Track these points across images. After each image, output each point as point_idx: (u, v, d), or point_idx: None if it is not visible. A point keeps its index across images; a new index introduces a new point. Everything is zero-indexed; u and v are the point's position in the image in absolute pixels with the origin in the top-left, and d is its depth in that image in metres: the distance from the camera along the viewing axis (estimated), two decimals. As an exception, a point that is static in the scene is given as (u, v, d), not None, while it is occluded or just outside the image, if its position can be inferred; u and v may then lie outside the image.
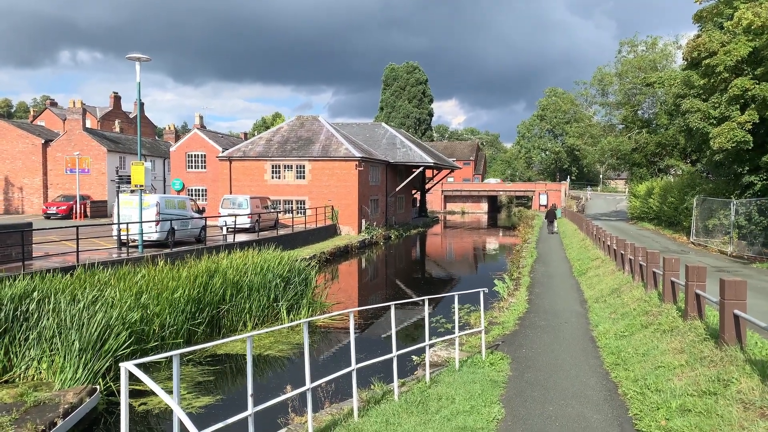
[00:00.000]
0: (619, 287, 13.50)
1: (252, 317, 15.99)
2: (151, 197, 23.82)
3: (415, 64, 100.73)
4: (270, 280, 16.95)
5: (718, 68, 23.48)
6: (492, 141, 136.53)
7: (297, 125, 41.79)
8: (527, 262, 23.32)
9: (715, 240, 25.82)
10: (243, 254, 18.19)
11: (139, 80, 21.91)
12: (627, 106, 44.28)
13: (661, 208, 34.96)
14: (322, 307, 17.93)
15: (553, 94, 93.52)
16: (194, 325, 14.34)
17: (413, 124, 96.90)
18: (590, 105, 49.12)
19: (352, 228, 38.25)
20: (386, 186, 44.93)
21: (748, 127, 22.45)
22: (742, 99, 23.41)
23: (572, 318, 12.24)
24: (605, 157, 45.92)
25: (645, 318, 9.74)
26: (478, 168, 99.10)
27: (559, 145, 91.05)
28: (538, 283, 17.54)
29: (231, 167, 39.36)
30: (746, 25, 23.02)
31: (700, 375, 6.21)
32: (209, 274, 15.92)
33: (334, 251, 30.98)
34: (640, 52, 44.48)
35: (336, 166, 38.12)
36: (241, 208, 31.59)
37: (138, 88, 22.09)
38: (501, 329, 11.16)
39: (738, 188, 25.59)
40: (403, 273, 30.53)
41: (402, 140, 47.63)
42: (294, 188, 38.80)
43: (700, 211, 27.22)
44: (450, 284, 27.10)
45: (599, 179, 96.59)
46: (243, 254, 18.19)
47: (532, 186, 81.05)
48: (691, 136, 26.99)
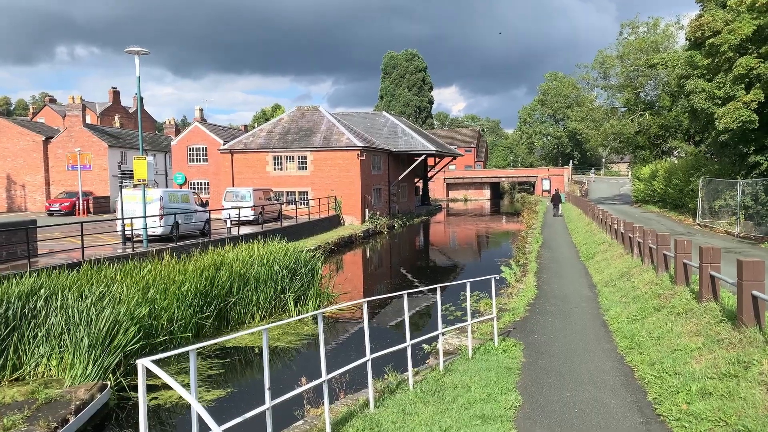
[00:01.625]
0: (628, 271, 13.41)
1: (260, 309, 15.94)
2: (154, 191, 23.74)
3: (414, 52, 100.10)
4: (276, 271, 16.89)
5: (722, 47, 23.22)
6: (493, 127, 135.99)
7: (298, 116, 41.59)
8: (533, 247, 23.23)
9: (722, 221, 25.68)
10: (248, 246, 18.13)
11: (139, 74, 21.73)
12: (629, 88, 43.98)
13: (665, 190, 34.79)
14: (329, 297, 17.89)
15: (554, 79, 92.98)
16: (202, 319, 14.30)
17: (413, 112, 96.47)
18: (592, 88, 48.82)
19: (355, 218, 38.17)
20: (388, 175, 44.78)
21: (753, 106, 22.24)
22: (747, 78, 23.17)
23: (582, 302, 12.17)
24: (608, 141, 45.66)
25: (657, 301, 9.65)
26: (480, 155, 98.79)
27: (561, 129, 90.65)
28: (545, 269, 17.46)
29: (233, 160, 39.23)
30: (750, 3, 22.75)
31: (719, 357, 6.13)
32: (216, 267, 15.86)
33: (338, 242, 30.92)
34: (641, 33, 44.12)
35: (338, 156, 37.97)
36: (245, 200, 31.50)
37: (138, 82, 21.93)
38: (512, 316, 11.09)
39: (744, 168, 25.42)
40: (408, 262, 30.48)
41: (403, 128, 47.41)
42: (296, 179, 38.68)
43: (705, 193, 27.06)
44: (455, 272, 27.05)
45: (602, 163, 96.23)
46: (248, 246, 18.13)
47: (535, 171, 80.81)
48: (696, 117, 26.78)
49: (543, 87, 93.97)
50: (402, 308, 17.19)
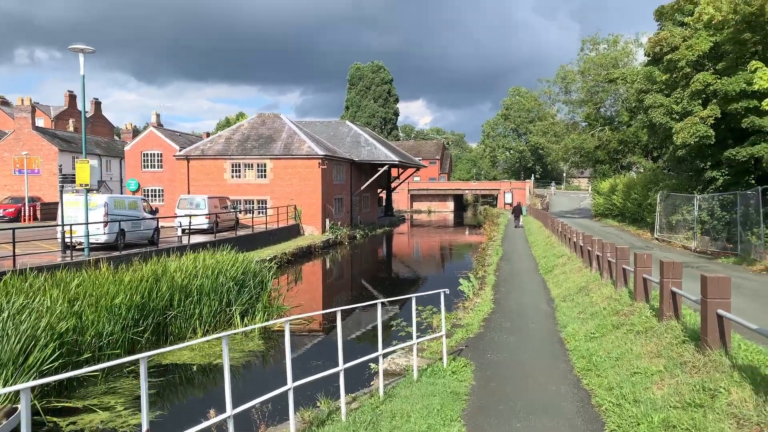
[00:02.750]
0: (586, 285, 12.97)
1: (203, 323, 14.97)
2: (98, 197, 22.51)
3: (380, 64, 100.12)
4: (222, 283, 15.96)
5: (680, 63, 23.37)
6: (458, 141, 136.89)
7: (258, 123, 40.59)
8: (493, 260, 22.80)
9: (679, 235, 25.79)
10: (194, 256, 17.12)
11: (83, 73, 20.57)
12: (590, 103, 44.45)
13: (624, 204, 35.01)
14: (279, 310, 17.00)
15: (517, 94, 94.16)
16: (137, 334, 13.27)
17: (379, 123, 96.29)
18: (553, 103, 49.27)
19: (315, 228, 37.29)
20: (351, 185, 44.08)
21: (710, 122, 22.36)
22: (703, 94, 23.35)
23: (539, 318, 11.64)
24: (569, 155, 46.02)
25: (616, 318, 9.16)
26: (444, 167, 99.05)
27: (523, 143, 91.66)
28: (503, 282, 16.97)
29: (189, 166, 37.94)
30: (707, 20, 22.94)
31: (683, 383, 5.59)
32: (156, 278, 14.84)
33: (296, 252, 29.99)
34: (602, 50, 44.72)
35: (299, 164, 37.10)
36: (199, 208, 30.33)
37: (82, 81, 20.76)
38: (465, 332, 10.47)
39: (700, 183, 25.61)
40: (368, 273, 29.75)
41: (366, 138, 46.86)
42: (255, 187, 37.62)
43: (663, 207, 27.19)
44: (416, 284, 26.44)
45: (563, 177, 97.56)
46: (194, 256, 17.12)
47: (497, 185, 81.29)
48: (654, 132, 26.93)
49: (506, 102, 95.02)
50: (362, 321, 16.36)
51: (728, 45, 22.04)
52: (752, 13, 20.37)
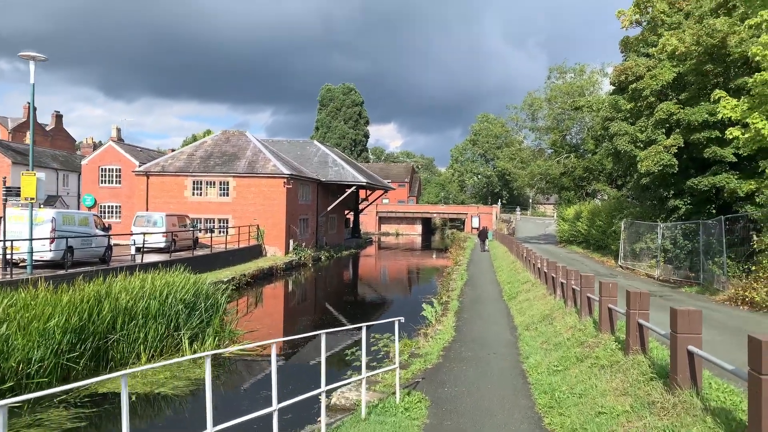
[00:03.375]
0: (550, 313, 12.55)
1: (147, 348, 14.02)
2: (45, 212, 21.38)
3: (351, 86, 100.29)
4: (171, 305, 15.06)
5: (644, 92, 23.59)
6: (427, 164, 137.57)
7: (222, 140, 39.72)
8: (457, 285, 22.33)
9: (643, 263, 25.80)
10: (141, 277, 16.18)
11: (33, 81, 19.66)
12: (556, 131, 44.94)
13: (589, 231, 35.13)
14: (231, 335, 16.15)
15: (486, 120, 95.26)
16: (74, 359, 12.28)
17: (349, 145, 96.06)
18: (520, 129, 49.75)
19: (279, 249, 36.38)
20: (317, 205, 43.37)
21: (673, 150, 22.52)
22: (667, 123, 23.57)
23: (501, 348, 11.13)
24: (535, 181, 46.30)
25: (580, 350, 8.70)
26: (413, 190, 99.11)
27: (491, 169, 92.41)
28: (466, 308, 16.47)
29: (148, 183, 36.75)
30: (671, 51, 23.24)
31: (651, 427, 5.10)
32: (98, 298, 13.88)
33: (256, 273, 29.04)
34: (568, 78, 45.42)
35: (263, 183, 36.29)
36: (156, 226, 29.24)
37: (32, 90, 19.88)
38: (423, 362, 9.86)
39: (664, 212, 25.75)
40: (332, 296, 28.95)
41: (334, 158, 46.34)
42: (217, 206, 36.61)
43: (627, 235, 27.24)
44: (381, 308, 25.79)
45: (529, 203, 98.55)
46: (141, 277, 16.18)
47: (465, 209, 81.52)
48: (619, 160, 27.09)
49: (475, 127, 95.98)
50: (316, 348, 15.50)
51: (691, 76, 22.34)
52: (714, 45, 20.69)
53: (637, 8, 26.60)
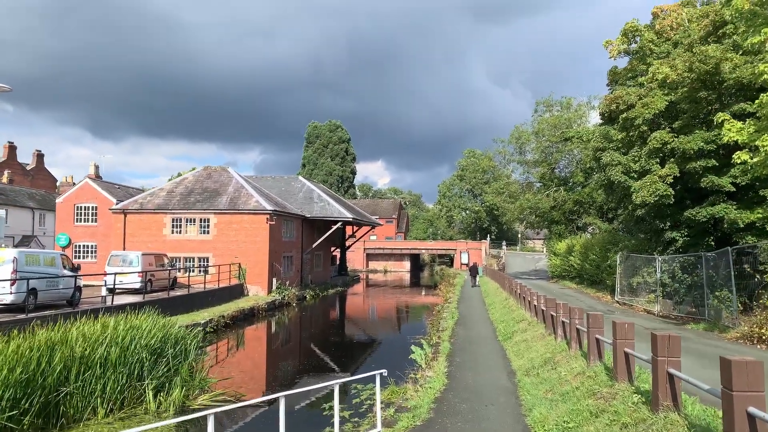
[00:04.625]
0: (552, 356, 11.34)
1: (105, 401, 12.56)
2: (7, 252, 19.96)
3: (337, 123, 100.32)
4: (135, 352, 13.67)
5: (636, 121, 22.95)
6: (415, 201, 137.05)
7: (203, 176, 38.62)
8: (448, 324, 21.05)
9: (640, 299, 24.72)
10: (103, 320, 14.78)
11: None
12: (544, 164, 44.38)
13: (582, 266, 34.11)
14: (202, 384, 14.69)
15: (472, 155, 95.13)
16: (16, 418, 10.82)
17: (336, 181, 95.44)
18: (508, 163, 49.20)
19: (261, 288, 34.92)
20: (302, 242, 42.10)
21: (669, 180, 21.75)
22: (661, 152, 22.88)
23: (500, 397, 9.87)
24: (524, 215, 45.46)
25: (594, 402, 7.49)
26: (401, 226, 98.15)
27: (479, 204, 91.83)
28: (459, 350, 15.20)
29: (126, 221, 35.39)
30: (662, 79, 22.72)
31: None
32: (50, 346, 12.48)
33: (236, 315, 27.54)
34: (555, 112, 45.13)
35: (245, 219, 35.06)
36: (132, 265, 27.80)
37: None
38: (411, 418, 8.57)
39: (660, 244, 24.81)
40: (316, 338, 27.44)
41: (319, 194, 45.31)
42: (197, 244, 35.24)
43: (623, 269, 26.22)
44: (368, 349, 24.35)
45: (518, 238, 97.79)
46: (103, 320, 14.78)
47: (454, 245, 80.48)
48: (612, 191, 26.29)
49: (461, 162, 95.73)
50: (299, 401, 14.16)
51: (684, 103, 21.74)
52: (707, 72, 20.14)
53: (625, 38, 26.27)
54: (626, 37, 26.16)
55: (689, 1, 27.45)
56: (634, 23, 25.65)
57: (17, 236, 45.10)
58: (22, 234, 46.01)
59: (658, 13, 27.08)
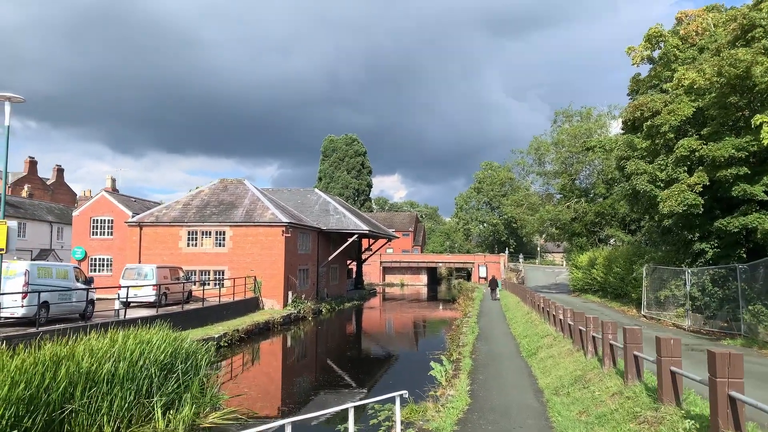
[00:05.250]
0: (583, 374, 10.60)
1: (112, 419, 12.05)
2: (18, 264, 19.72)
3: (354, 137, 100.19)
4: (144, 367, 13.17)
5: (662, 128, 22.14)
6: (431, 214, 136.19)
7: (220, 189, 38.40)
8: (468, 339, 20.31)
9: (669, 313, 23.75)
10: (112, 334, 14.33)
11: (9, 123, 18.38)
12: (564, 174, 43.52)
13: (606, 279, 33.11)
14: (213, 401, 14.14)
15: (489, 168, 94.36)
16: (19, 436, 10.34)
17: (352, 194, 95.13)
18: (527, 174, 48.38)
19: (277, 301, 34.43)
20: (318, 255, 41.61)
21: (698, 189, 20.89)
22: (688, 161, 22.04)
23: (528, 419, 9.17)
24: (545, 227, 44.54)
25: (636, 426, 6.78)
26: (417, 239, 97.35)
27: (497, 217, 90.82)
28: (481, 367, 14.48)
29: (141, 234, 35.21)
30: (688, 85, 21.96)
31: None
32: (55, 361, 12.03)
33: (251, 329, 27.04)
34: (575, 122, 44.34)
35: (260, 232, 34.68)
36: (147, 279, 27.50)
37: (7, 132, 18.54)
38: (433, 443, 7.92)
39: (688, 256, 23.86)
40: (332, 352, 26.82)
41: (336, 206, 44.88)
42: (212, 257, 34.91)
43: (650, 282, 25.26)
44: (385, 365, 23.66)
45: (537, 251, 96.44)
46: (112, 334, 14.33)
47: (472, 258, 79.46)
48: (637, 201, 25.41)
49: (479, 175, 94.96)
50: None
51: (713, 109, 20.91)
52: (737, 76, 19.33)
53: (648, 43, 25.55)
54: (650, 43, 25.43)
55: (714, 6, 26.73)
56: (658, 28, 24.94)
57: (35, 250, 45.27)
58: (40, 248, 46.18)
59: (683, 19, 26.37)
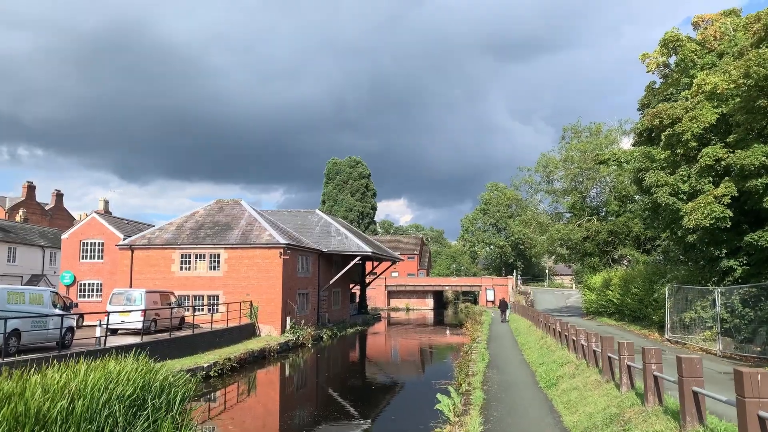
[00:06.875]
0: (620, 412, 8.84)
1: (65, 468, 10.31)
2: (-15, 290, 18.12)
3: (357, 159, 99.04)
4: (108, 404, 11.46)
5: (684, 136, 20.57)
6: (437, 237, 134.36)
7: (215, 210, 36.93)
8: (478, 367, 18.48)
9: (695, 336, 21.88)
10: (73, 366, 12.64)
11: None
12: (574, 192, 41.87)
13: (623, 300, 31.20)
14: (190, 442, 12.39)
15: (495, 189, 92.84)
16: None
17: (356, 217, 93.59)
18: (535, 192, 46.69)
19: (274, 327, 32.64)
20: (318, 278, 39.89)
21: (726, 201, 19.23)
22: (713, 171, 20.42)
23: (558, 470, 7.40)
24: (554, 246, 42.70)
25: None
26: (423, 262, 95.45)
27: (503, 239, 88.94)
28: (494, 400, 12.70)
29: (133, 257, 33.66)
30: (710, 91, 20.47)
31: None
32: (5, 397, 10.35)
33: (244, 357, 25.25)
34: (584, 138, 42.86)
35: (257, 254, 33.06)
36: (135, 304, 25.86)
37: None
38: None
39: (715, 275, 22.08)
40: (333, 382, 24.91)
41: (337, 228, 43.28)
42: (206, 281, 33.26)
43: (673, 303, 23.43)
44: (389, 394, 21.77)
45: (546, 274, 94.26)
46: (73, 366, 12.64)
47: (478, 281, 77.41)
48: (658, 215, 23.71)
49: (485, 196, 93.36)
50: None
51: (739, 115, 19.34)
52: (766, 77, 17.81)
53: (665, 49, 24.13)
54: (666, 48, 24.02)
55: (732, 10, 25.37)
56: (674, 32, 23.55)
57: (26, 275, 43.75)
58: (31, 273, 44.66)
59: (699, 23, 25.00)
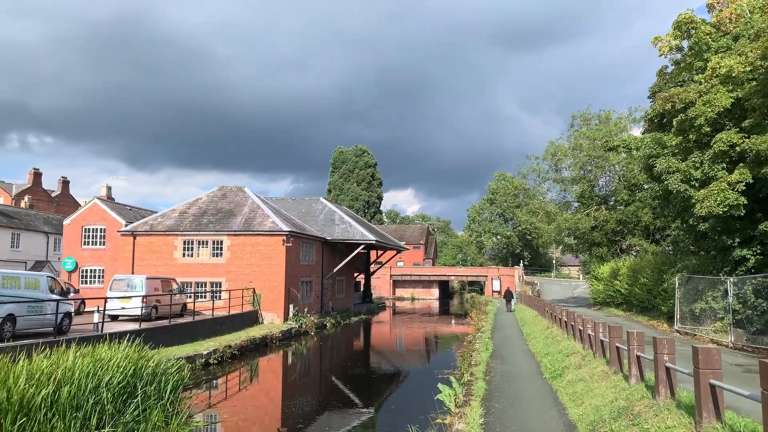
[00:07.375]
0: (629, 405, 8.36)
1: (50, 457, 9.96)
2: (-23, 274, 17.81)
3: (364, 148, 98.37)
4: (97, 392, 11.10)
5: (697, 120, 19.90)
6: (443, 227, 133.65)
7: (218, 196, 36.54)
8: (481, 357, 18.03)
9: (706, 328, 21.31)
10: (62, 352, 12.28)
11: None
12: (583, 181, 41.16)
13: (631, 290, 30.63)
14: (181, 429, 12.00)
15: (503, 179, 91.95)
16: None
17: (362, 206, 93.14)
18: (543, 181, 45.99)
19: (277, 315, 32.32)
20: (322, 266, 39.51)
21: (740, 188, 18.59)
22: (727, 157, 19.75)
23: (562, 467, 6.93)
24: (562, 236, 42.08)
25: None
26: (429, 252, 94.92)
27: (510, 229, 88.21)
28: (496, 391, 12.24)
29: (135, 243, 33.36)
30: (725, 74, 19.76)
31: None
32: (-14, 385, 9.99)
33: (245, 344, 24.92)
34: (593, 125, 42.08)
35: (260, 241, 32.68)
36: (136, 290, 25.54)
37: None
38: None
39: (727, 264, 21.47)
40: (335, 370, 24.54)
41: (341, 216, 42.82)
42: (209, 268, 32.93)
43: (683, 293, 22.85)
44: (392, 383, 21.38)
45: (552, 264, 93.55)
46: (62, 352, 12.28)
47: (485, 271, 76.88)
48: (669, 203, 23.08)
49: (492, 186, 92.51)
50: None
51: (755, 98, 18.65)
52: (786, 58, 17.12)
53: (678, 31, 23.37)
54: (679, 31, 23.26)
55: (748, -9, 24.52)
56: (689, 14, 22.79)
57: (30, 261, 43.63)
58: (35, 259, 44.54)
59: (714, 5, 24.20)
